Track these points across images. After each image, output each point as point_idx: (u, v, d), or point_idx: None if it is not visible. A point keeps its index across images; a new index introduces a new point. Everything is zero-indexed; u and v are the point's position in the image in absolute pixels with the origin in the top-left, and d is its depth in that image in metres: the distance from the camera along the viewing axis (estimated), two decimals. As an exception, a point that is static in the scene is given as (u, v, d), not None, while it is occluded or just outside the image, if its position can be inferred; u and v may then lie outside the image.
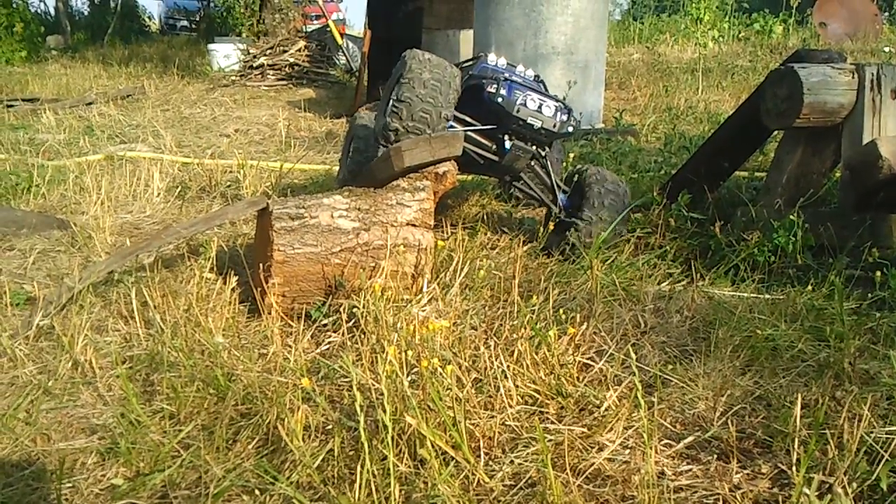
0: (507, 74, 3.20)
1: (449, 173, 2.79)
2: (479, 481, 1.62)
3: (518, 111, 3.00)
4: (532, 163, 3.23)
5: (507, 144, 3.10)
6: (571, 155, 4.24)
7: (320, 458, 1.69)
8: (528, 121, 3.02)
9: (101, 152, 5.26)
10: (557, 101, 3.12)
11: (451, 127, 3.03)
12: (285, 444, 1.71)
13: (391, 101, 2.91)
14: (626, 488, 1.60)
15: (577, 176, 3.31)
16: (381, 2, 8.29)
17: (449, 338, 2.17)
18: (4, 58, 12.67)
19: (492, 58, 3.35)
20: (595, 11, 6.21)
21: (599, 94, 6.58)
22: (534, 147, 3.14)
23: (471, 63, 3.46)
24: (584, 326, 2.28)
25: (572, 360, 2.07)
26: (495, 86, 3.02)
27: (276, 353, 2.21)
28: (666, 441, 1.77)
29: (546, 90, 3.30)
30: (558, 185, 3.30)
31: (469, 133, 3.10)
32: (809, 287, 2.57)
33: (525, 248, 2.98)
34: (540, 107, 3.03)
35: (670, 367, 2.09)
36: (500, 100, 2.99)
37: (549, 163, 3.29)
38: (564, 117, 3.09)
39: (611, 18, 15.43)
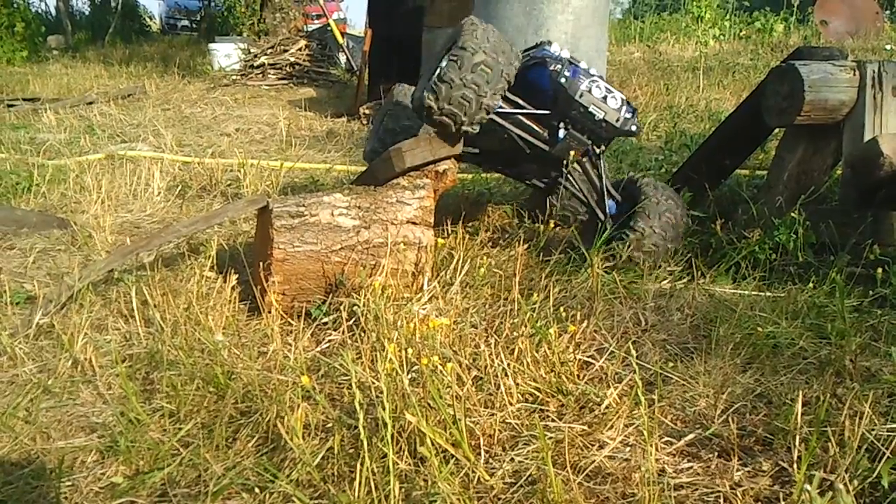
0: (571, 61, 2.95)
1: (449, 171, 2.79)
2: (479, 479, 1.62)
3: (581, 96, 2.79)
4: (583, 160, 2.99)
5: (561, 133, 2.87)
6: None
7: (320, 455, 1.68)
8: (590, 109, 2.80)
9: (102, 151, 5.26)
10: (624, 97, 2.92)
11: (500, 108, 2.81)
12: (285, 442, 1.70)
13: (433, 77, 2.69)
14: (627, 486, 1.60)
15: (629, 184, 3.08)
16: (382, 0, 8.27)
17: (449, 336, 2.17)
18: (5, 57, 12.66)
19: (555, 47, 3.01)
20: (596, 9, 6.19)
21: (600, 93, 6.57)
22: (589, 141, 2.90)
23: (532, 49, 3.17)
24: (584, 324, 2.27)
25: (573, 357, 2.07)
26: (559, 65, 2.81)
27: (276, 352, 2.21)
28: (667, 438, 1.77)
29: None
30: (608, 191, 3.06)
31: (519, 117, 2.91)
32: (810, 284, 2.57)
33: (525, 246, 2.98)
34: (605, 97, 2.82)
35: (671, 364, 2.09)
36: (563, 80, 2.79)
37: (601, 164, 3.05)
38: (629, 115, 2.87)
39: (612, 17, 15.44)
